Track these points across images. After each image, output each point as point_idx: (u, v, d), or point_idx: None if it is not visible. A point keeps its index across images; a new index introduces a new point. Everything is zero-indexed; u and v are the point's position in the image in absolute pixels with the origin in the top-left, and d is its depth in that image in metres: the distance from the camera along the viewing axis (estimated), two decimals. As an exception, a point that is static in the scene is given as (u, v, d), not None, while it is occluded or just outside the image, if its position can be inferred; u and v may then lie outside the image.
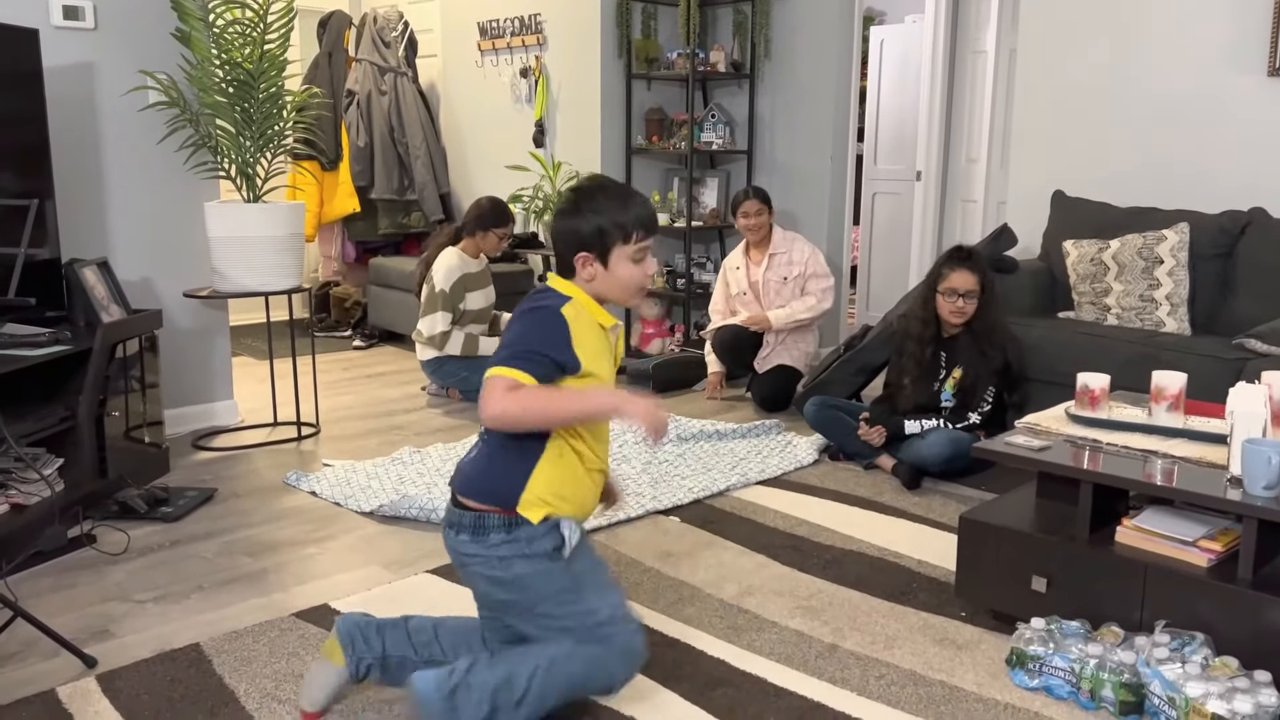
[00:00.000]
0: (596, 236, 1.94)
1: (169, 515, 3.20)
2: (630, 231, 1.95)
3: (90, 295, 3.40)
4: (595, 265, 1.96)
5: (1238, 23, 3.97)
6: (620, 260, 1.96)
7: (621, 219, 1.94)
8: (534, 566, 1.95)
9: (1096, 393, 2.62)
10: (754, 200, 4.69)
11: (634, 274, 1.98)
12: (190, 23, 3.76)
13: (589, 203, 1.96)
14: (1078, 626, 2.24)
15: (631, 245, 1.95)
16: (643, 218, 1.97)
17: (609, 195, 1.97)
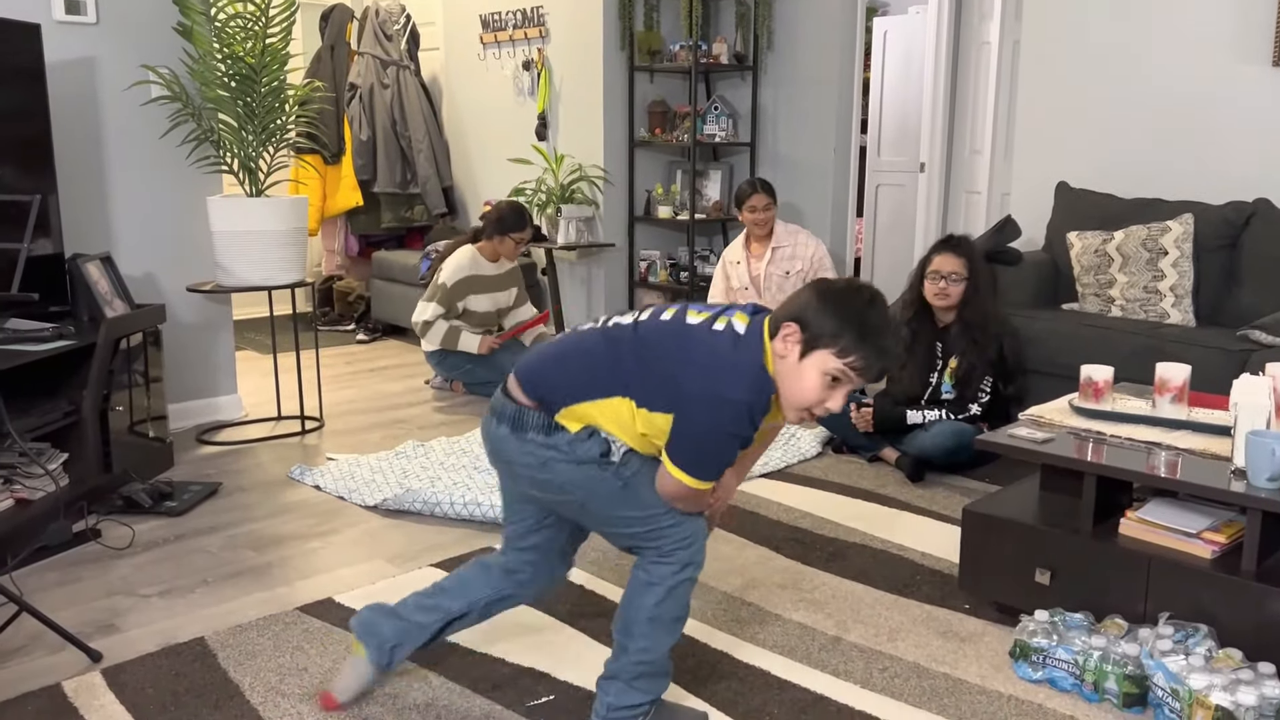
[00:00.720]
0: (819, 324, 1.75)
1: (173, 509, 3.21)
2: (851, 348, 1.74)
3: (94, 290, 3.40)
4: (794, 346, 1.76)
5: (1242, 13, 3.95)
6: (815, 366, 1.76)
7: (856, 330, 1.74)
8: (583, 473, 1.89)
9: (1100, 385, 2.61)
10: (762, 194, 4.61)
11: (814, 388, 1.77)
12: (192, 17, 3.75)
13: (849, 296, 1.77)
14: (1081, 619, 2.24)
15: (837, 361, 1.74)
16: (869, 356, 1.75)
17: (871, 307, 1.77)
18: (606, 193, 5.56)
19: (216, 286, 3.93)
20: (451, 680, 2.22)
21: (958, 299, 3.58)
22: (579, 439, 1.88)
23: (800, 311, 1.77)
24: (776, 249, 4.68)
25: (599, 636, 2.41)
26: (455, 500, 3.16)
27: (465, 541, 2.99)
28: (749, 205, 4.64)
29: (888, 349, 1.77)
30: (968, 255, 3.59)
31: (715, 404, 1.78)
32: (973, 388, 3.60)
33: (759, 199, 4.62)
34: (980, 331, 3.57)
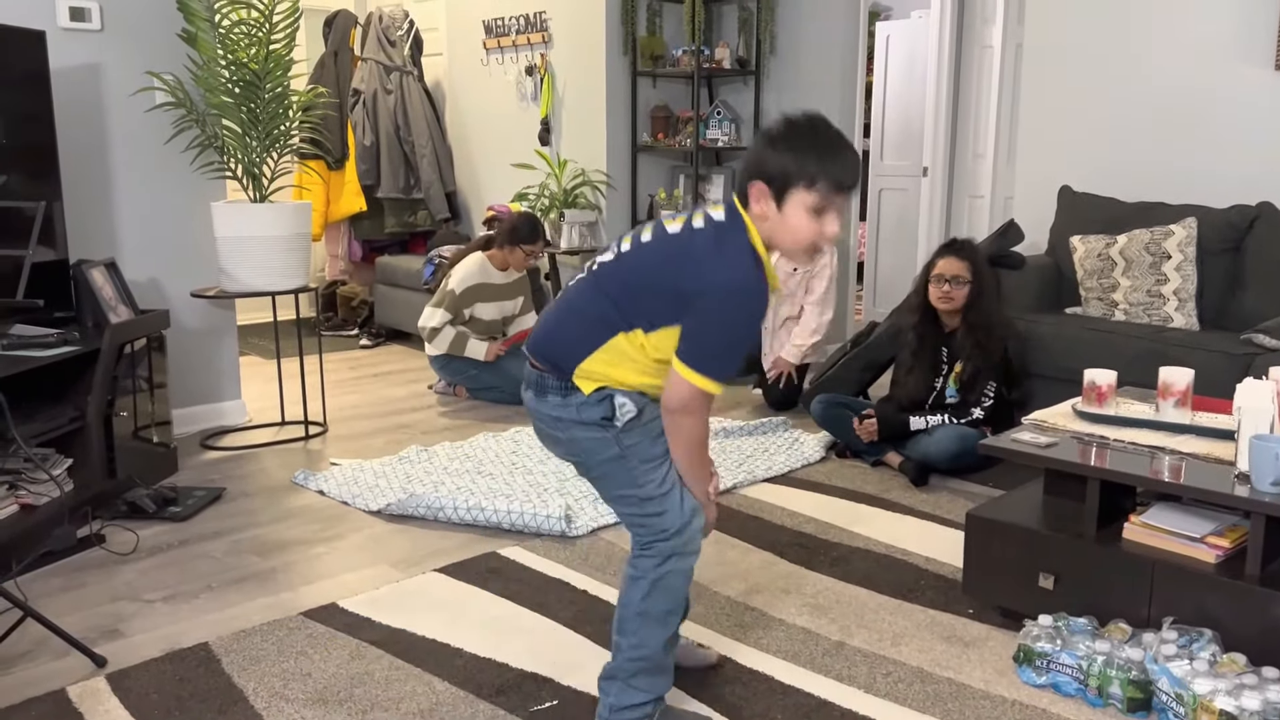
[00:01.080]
0: (780, 169, 1.78)
1: (178, 515, 3.22)
2: (816, 179, 1.77)
3: (98, 296, 3.41)
4: (767, 202, 1.80)
5: (1244, 17, 3.95)
6: (797, 207, 1.79)
7: (816, 165, 1.77)
8: (586, 434, 1.92)
9: (1104, 389, 2.61)
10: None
11: (807, 228, 1.80)
12: (196, 23, 3.77)
13: (792, 136, 1.80)
14: (1085, 623, 2.24)
15: (814, 195, 1.78)
16: (836, 173, 1.78)
17: (816, 137, 1.80)
18: (609, 197, 5.57)
19: (220, 292, 3.94)
20: (456, 685, 2.22)
21: (962, 302, 3.58)
22: (589, 402, 1.90)
23: (758, 167, 1.80)
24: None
25: (603, 642, 2.41)
26: (459, 505, 3.17)
27: (469, 546, 2.99)
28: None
29: (848, 158, 1.80)
30: (971, 259, 3.60)
31: (723, 294, 1.79)
32: (976, 391, 3.60)
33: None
34: (984, 335, 3.57)
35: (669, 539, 1.94)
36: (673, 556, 1.95)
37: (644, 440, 1.94)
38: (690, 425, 1.88)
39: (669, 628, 1.98)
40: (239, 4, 3.80)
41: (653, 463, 1.94)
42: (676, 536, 1.94)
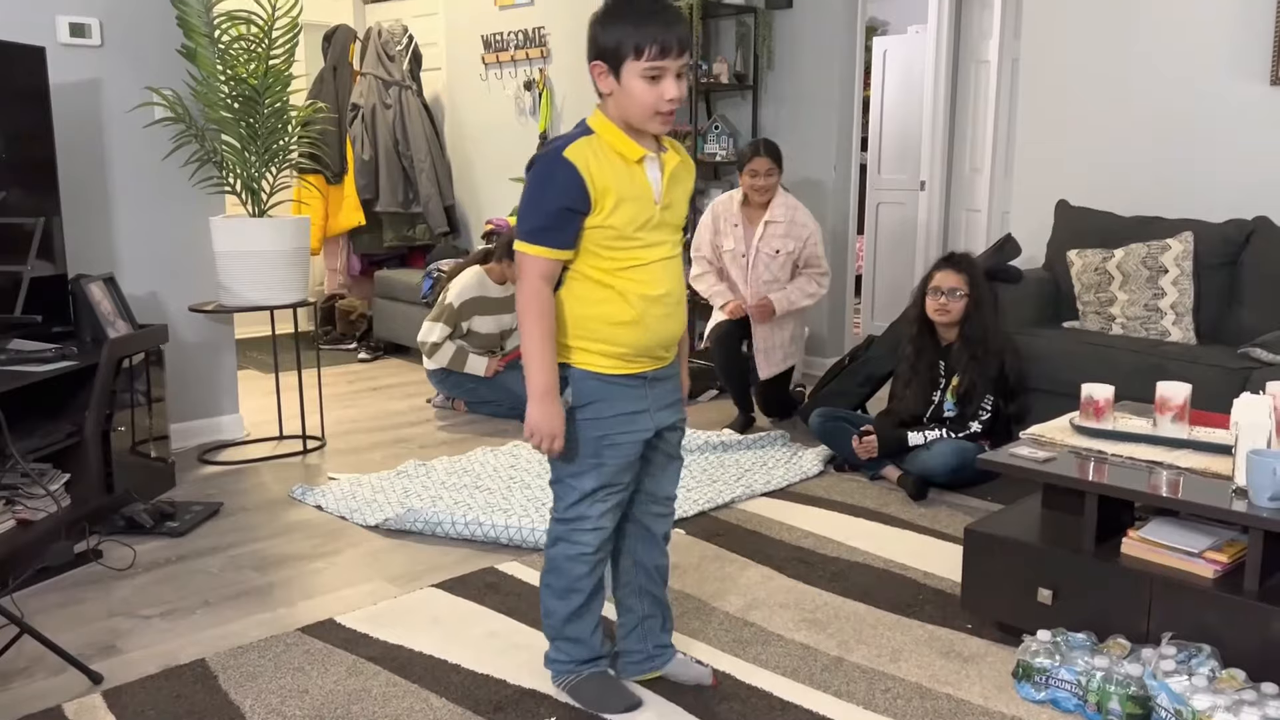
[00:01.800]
0: (610, 45, 1.88)
1: (175, 530, 3.21)
2: (643, 47, 1.85)
3: (96, 310, 3.41)
4: (610, 79, 1.90)
5: (1240, 32, 3.97)
6: (632, 76, 1.87)
7: (636, 32, 1.85)
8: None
9: (1101, 403, 2.61)
10: (765, 158, 4.20)
11: (646, 96, 1.88)
12: (196, 39, 3.78)
13: (612, 13, 1.89)
14: (1084, 639, 2.23)
15: (642, 61, 1.85)
16: (660, 35, 1.85)
17: (632, 5, 1.88)
18: (608, 211, 5.58)
19: (219, 306, 3.94)
20: (453, 702, 2.22)
21: (958, 315, 3.59)
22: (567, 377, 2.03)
23: (592, 49, 1.92)
24: (770, 224, 4.27)
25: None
26: (457, 520, 3.16)
27: (467, 561, 2.99)
28: (750, 169, 4.24)
29: (668, 21, 1.86)
30: (969, 272, 3.60)
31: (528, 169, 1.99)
32: (974, 405, 3.60)
33: (761, 163, 4.22)
34: (981, 348, 3.58)
35: (565, 521, 2.08)
36: (561, 542, 2.09)
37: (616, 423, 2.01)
38: (523, 317, 1.95)
39: (570, 604, 2.12)
40: (239, 20, 3.81)
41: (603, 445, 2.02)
42: (574, 523, 2.06)
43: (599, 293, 1.97)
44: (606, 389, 2.00)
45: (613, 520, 2.09)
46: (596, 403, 2.00)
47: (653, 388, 2.06)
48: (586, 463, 2.02)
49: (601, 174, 1.91)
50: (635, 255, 1.96)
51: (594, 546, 2.07)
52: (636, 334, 1.98)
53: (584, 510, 2.05)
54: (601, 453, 2.01)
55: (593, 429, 2.00)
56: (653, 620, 2.25)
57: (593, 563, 2.09)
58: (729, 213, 4.38)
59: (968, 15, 6.02)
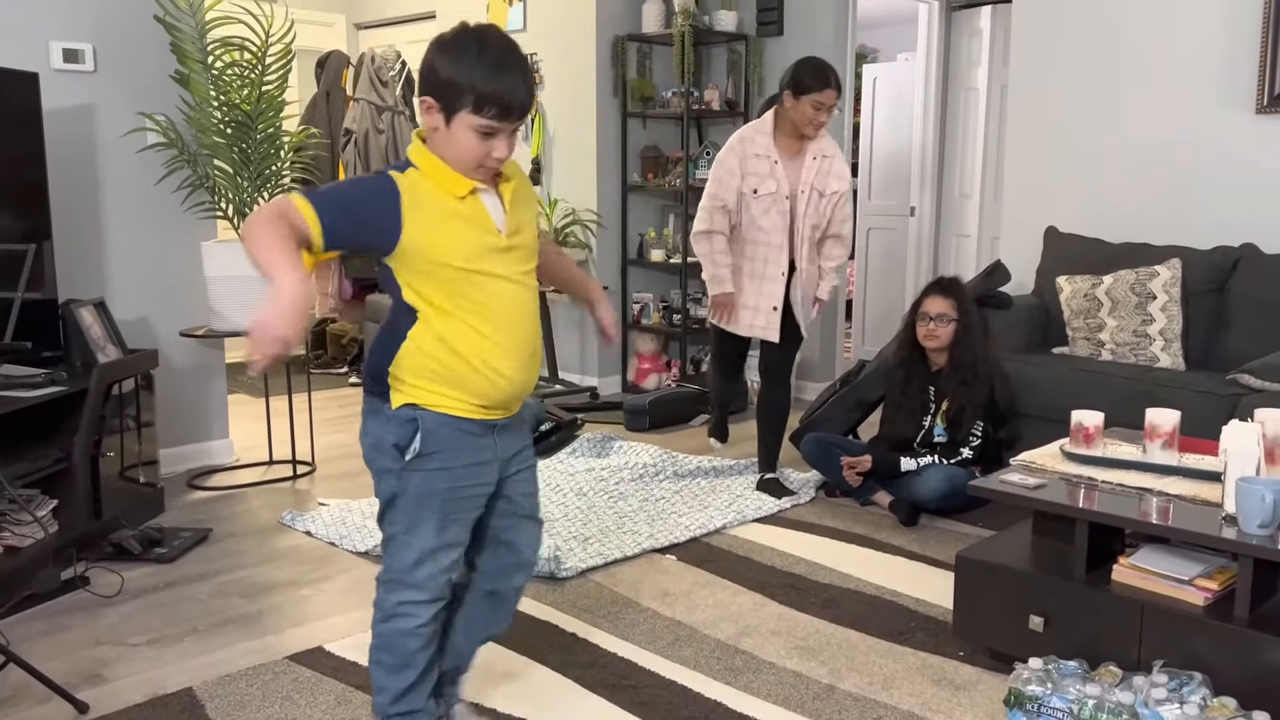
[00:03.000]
0: (446, 87, 1.70)
1: (163, 556, 3.19)
2: (483, 104, 1.68)
3: (87, 335, 3.40)
4: (438, 117, 1.72)
5: (1227, 61, 4.02)
6: (463, 127, 1.71)
7: (478, 83, 1.67)
8: (376, 455, 1.87)
9: (1091, 430, 2.62)
10: (835, 90, 3.57)
11: (473, 148, 1.73)
12: (189, 65, 3.80)
13: (461, 49, 1.70)
14: (1075, 666, 2.23)
15: (479, 118, 1.69)
16: (499, 95, 1.68)
17: (483, 53, 1.69)
18: (600, 236, 5.60)
19: (210, 331, 3.93)
20: (442, 731, 2.20)
21: (947, 340, 3.60)
22: (394, 418, 1.84)
23: (426, 82, 1.73)
24: (823, 158, 3.66)
25: (592, 686, 2.39)
26: (447, 546, 3.14)
27: (457, 588, 2.97)
28: (815, 100, 3.55)
29: (515, 84, 1.70)
30: (957, 296, 3.62)
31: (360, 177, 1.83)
32: (964, 430, 3.61)
33: (831, 95, 3.56)
34: (970, 373, 3.59)
35: (385, 579, 1.92)
36: (379, 607, 1.93)
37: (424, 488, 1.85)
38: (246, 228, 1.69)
39: (404, 680, 1.93)
40: (232, 46, 3.83)
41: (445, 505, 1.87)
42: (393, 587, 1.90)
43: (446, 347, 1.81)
44: (458, 437, 1.84)
45: (446, 587, 1.93)
46: (444, 452, 1.84)
47: (500, 436, 1.92)
48: (427, 518, 1.86)
49: (424, 206, 1.75)
50: (480, 291, 1.80)
51: (427, 619, 1.91)
52: (488, 388, 1.83)
53: (421, 574, 1.88)
54: (447, 507, 1.87)
55: (441, 480, 1.85)
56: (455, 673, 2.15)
57: (427, 636, 1.93)
58: (754, 146, 3.64)
59: (957, 43, 6.08)
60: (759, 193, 3.61)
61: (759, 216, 3.64)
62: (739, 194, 3.62)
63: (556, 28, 5.65)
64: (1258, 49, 3.92)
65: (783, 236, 3.65)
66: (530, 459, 2.04)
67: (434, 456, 1.84)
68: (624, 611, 2.81)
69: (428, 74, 1.73)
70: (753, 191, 3.61)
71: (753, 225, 3.65)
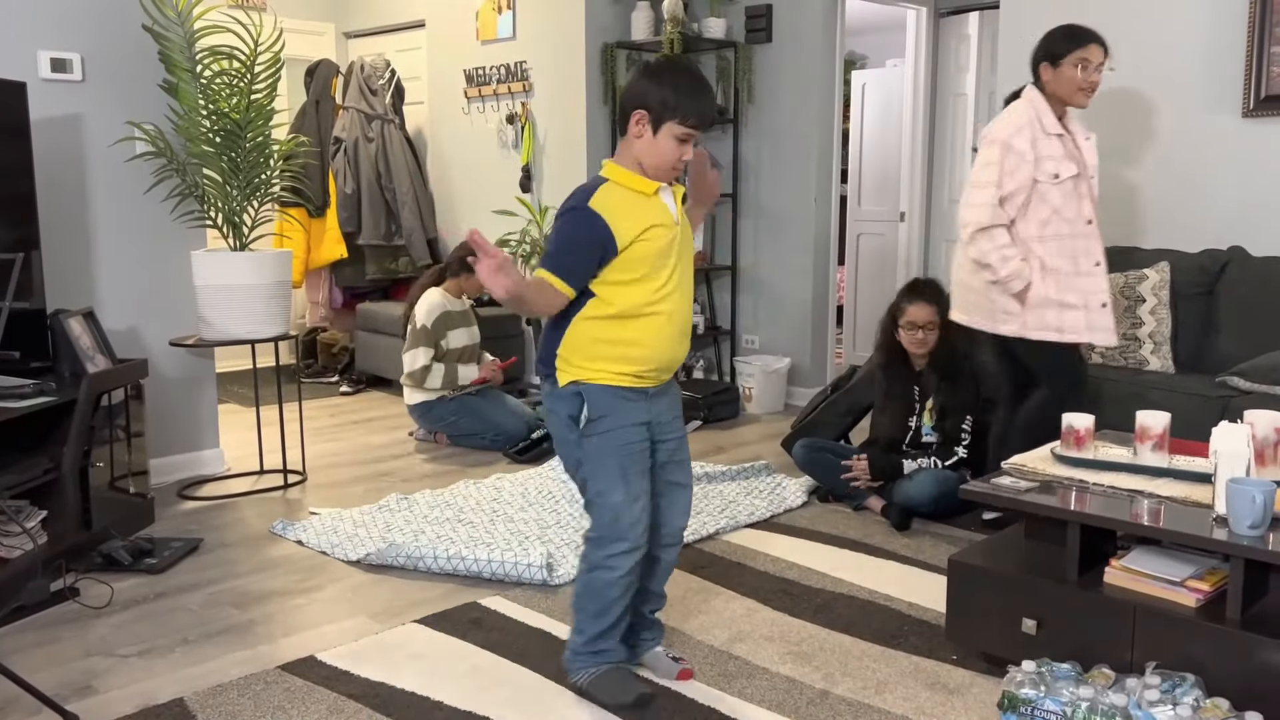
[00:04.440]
0: (658, 104, 2.15)
1: (154, 566, 3.17)
2: (686, 115, 2.15)
3: (75, 345, 3.39)
4: (646, 127, 2.17)
5: (1212, 64, 4.04)
6: (667, 135, 2.16)
7: (684, 102, 2.14)
8: (557, 429, 2.28)
9: (1082, 433, 2.63)
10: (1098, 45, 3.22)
11: (673, 151, 2.18)
12: (178, 74, 3.79)
13: (668, 75, 2.17)
14: (1069, 669, 2.23)
15: (683, 126, 2.15)
16: (702, 111, 2.17)
17: (690, 74, 2.19)
18: (590, 244, 5.59)
19: (200, 340, 3.92)
20: (435, 740, 2.19)
21: (934, 345, 3.62)
22: (561, 395, 2.24)
23: (641, 98, 2.17)
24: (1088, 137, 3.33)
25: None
26: (439, 554, 3.14)
27: (450, 597, 2.96)
28: (1078, 57, 3.18)
29: (707, 94, 2.20)
30: (937, 302, 3.63)
31: (559, 216, 2.24)
32: (953, 427, 3.61)
33: (1096, 50, 3.22)
34: (953, 370, 3.60)
35: (595, 538, 2.28)
36: (588, 560, 2.30)
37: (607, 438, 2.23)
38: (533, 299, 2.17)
39: (601, 624, 2.31)
40: (221, 55, 3.82)
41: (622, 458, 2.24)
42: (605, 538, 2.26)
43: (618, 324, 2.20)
44: (617, 402, 2.21)
45: (644, 535, 2.27)
46: (609, 415, 2.21)
47: (653, 403, 2.28)
48: (611, 475, 2.23)
49: (623, 213, 2.16)
50: (659, 272, 2.20)
51: (627, 569, 2.26)
52: (650, 352, 2.21)
53: (622, 526, 2.23)
54: (623, 463, 2.23)
55: (609, 440, 2.22)
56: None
57: (625, 586, 2.28)
58: (1052, 126, 3.20)
59: (945, 49, 6.11)
60: (1060, 176, 3.15)
61: (1063, 205, 3.17)
62: (1031, 182, 3.15)
63: (546, 36, 5.66)
64: (1243, 52, 3.94)
65: (1081, 224, 3.20)
66: (680, 429, 2.39)
67: (600, 421, 2.21)
68: (617, 618, 2.80)
69: (640, 94, 2.17)
70: (1053, 177, 3.15)
71: (1056, 215, 3.18)
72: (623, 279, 2.18)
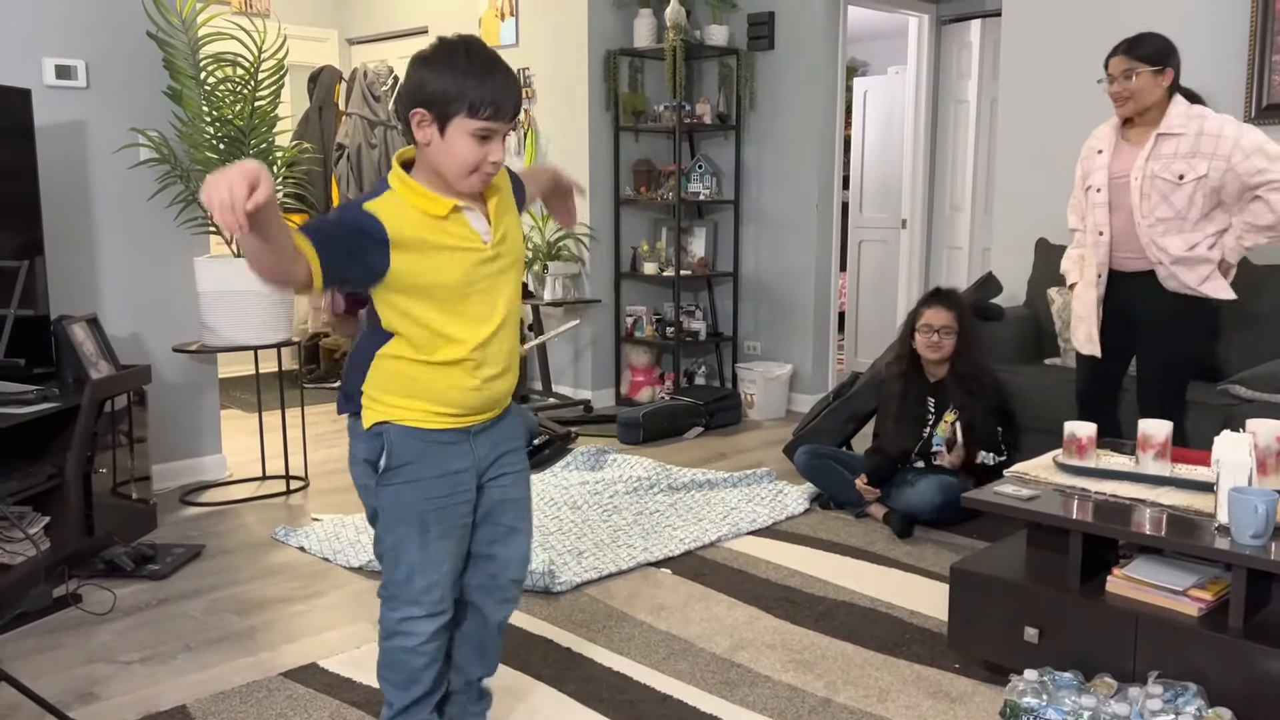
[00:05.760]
0: (439, 97, 1.70)
1: (156, 573, 3.17)
2: (478, 106, 1.70)
3: (79, 352, 3.39)
4: (431, 129, 1.73)
5: (1215, 72, 4.05)
6: (459, 133, 1.72)
7: (472, 89, 1.70)
8: (355, 474, 1.91)
9: (1084, 441, 2.63)
10: (1122, 56, 3.09)
11: (472, 152, 1.73)
12: (182, 81, 3.80)
13: (447, 59, 1.72)
14: (1071, 678, 2.23)
15: (476, 120, 1.71)
16: (497, 96, 1.71)
17: (471, 59, 1.72)
18: (593, 250, 5.61)
19: (202, 346, 3.93)
20: (437, 747, 2.19)
21: (950, 351, 3.62)
22: (363, 438, 1.88)
23: (414, 94, 1.73)
24: (1164, 136, 3.05)
25: (587, 701, 2.39)
26: (441, 561, 3.13)
27: (451, 603, 2.96)
28: (1109, 71, 3.11)
29: (501, 75, 1.73)
30: (958, 308, 3.64)
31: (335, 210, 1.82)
32: (984, 434, 3.61)
33: (1118, 63, 3.10)
34: (975, 382, 3.61)
35: (388, 597, 1.95)
36: (384, 624, 1.96)
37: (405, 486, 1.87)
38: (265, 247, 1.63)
39: (411, 695, 1.96)
40: (225, 62, 3.84)
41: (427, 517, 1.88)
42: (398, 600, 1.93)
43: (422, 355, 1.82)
44: (426, 448, 1.85)
45: (444, 602, 1.93)
46: (414, 463, 1.85)
47: (477, 442, 1.91)
48: (407, 532, 1.87)
49: (407, 228, 1.75)
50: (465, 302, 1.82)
51: (428, 635, 1.92)
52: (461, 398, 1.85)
53: (415, 589, 1.90)
54: (425, 519, 1.87)
55: (410, 492, 1.86)
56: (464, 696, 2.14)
57: (430, 654, 1.94)
58: (1097, 141, 3.24)
59: (947, 56, 6.12)
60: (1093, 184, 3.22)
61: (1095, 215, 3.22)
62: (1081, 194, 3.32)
63: (548, 42, 5.67)
64: (1245, 61, 3.95)
65: (1105, 230, 3.18)
66: (517, 464, 2.01)
67: (402, 469, 1.85)
68: (619, 626, 2.81)
69: (416, 88, 1.73)
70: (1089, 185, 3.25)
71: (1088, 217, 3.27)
72: (410, 304, 1.79)
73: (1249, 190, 2.96)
